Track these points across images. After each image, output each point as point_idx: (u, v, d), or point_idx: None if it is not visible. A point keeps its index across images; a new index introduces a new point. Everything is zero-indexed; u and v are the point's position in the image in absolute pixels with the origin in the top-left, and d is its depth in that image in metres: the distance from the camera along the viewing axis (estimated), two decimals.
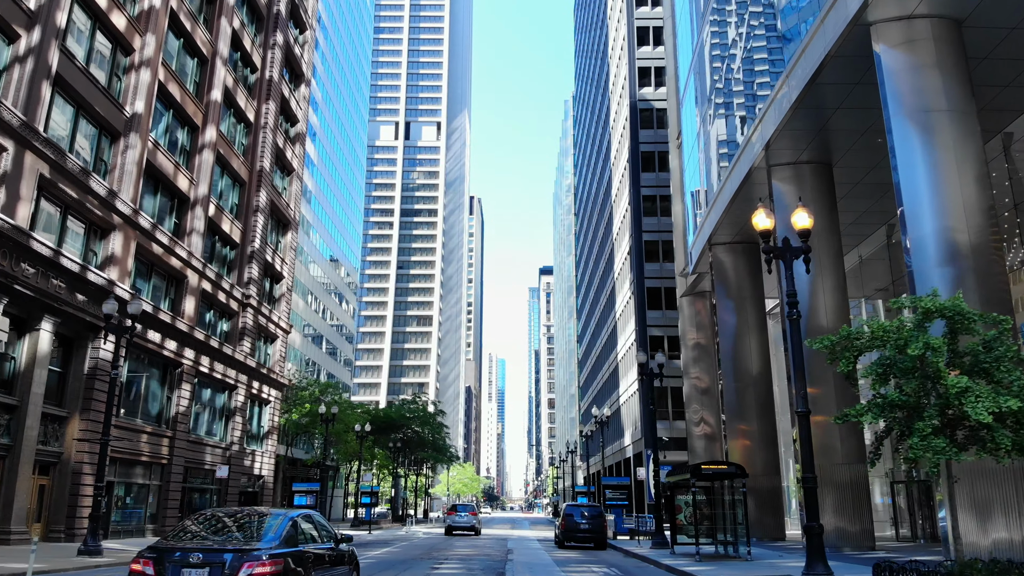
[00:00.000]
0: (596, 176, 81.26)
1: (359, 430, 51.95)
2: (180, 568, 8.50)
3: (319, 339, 79.23)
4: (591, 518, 29.25)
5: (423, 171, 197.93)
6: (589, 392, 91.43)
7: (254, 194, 42.45)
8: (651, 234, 56.01)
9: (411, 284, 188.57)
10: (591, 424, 56.86)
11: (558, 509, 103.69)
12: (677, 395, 53.21)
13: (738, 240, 34.14)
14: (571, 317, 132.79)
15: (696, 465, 21.06)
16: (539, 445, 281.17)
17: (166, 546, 8.96)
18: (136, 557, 8.79)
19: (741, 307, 34.04)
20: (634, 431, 56.11)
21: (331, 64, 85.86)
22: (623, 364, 61.72)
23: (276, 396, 45.26)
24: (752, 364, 33.12)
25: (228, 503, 38.20)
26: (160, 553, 8.73)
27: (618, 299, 63.95)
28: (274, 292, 46.50)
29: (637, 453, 55.19)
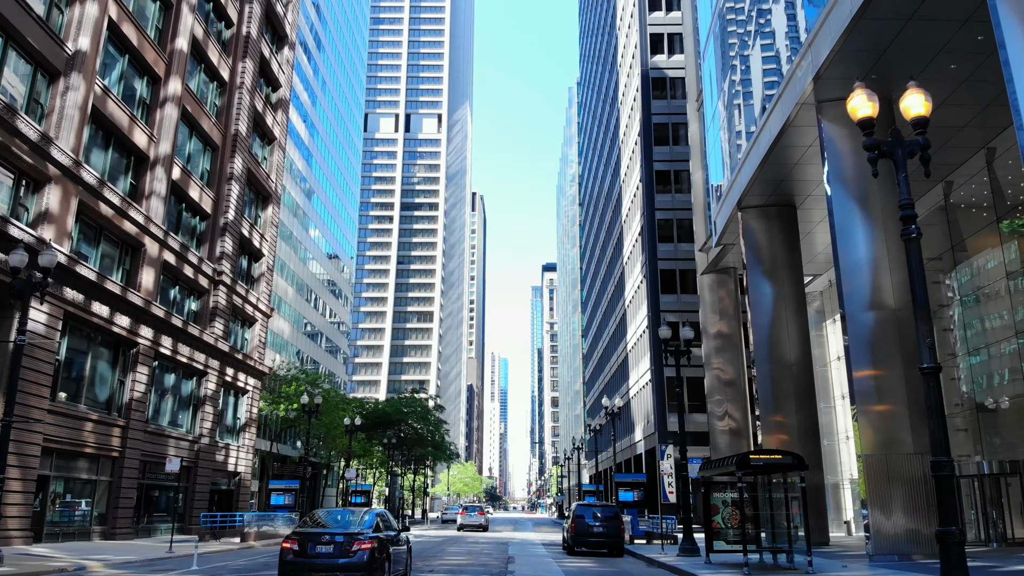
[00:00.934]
0: (603, 157, 77.07)
1: (348, 424, 47.87)
2: (316, 545, 13.46)
3: (311, 330, 75.12)
4: (606, 520, 25.07)
5: (424, 164, 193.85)
6: (595, 387, 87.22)
7: (228, 160, 38.34)
8: (665, 212, 51.81)
9: (411, 280, 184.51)
10: (599, 418, 52.58)
11: (563, 509, 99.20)
12: (694, 386, 49.00)
13: (773, 202, 29.90)
14: (575, 311, 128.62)
15: (743, 455, 16.90)
16: (542, 444, 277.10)
17: (303, 531, 13.93)
18: (285, 538, 13.78)
19: (776, 282, 29.77)
20: (646, 425, 51.93)
21: (327, 49, 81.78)
22: (633, 354, 57.50)
23: (255, 385, 41.14)
24: (789, 347, 28.87)
25: (196, 503, 34.09)
26: (301, 536, 13.64)
27: (628, 285, 59.73)
28: (252, 271, 42.38)
29: (650, 449, 50.99)
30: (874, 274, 21.19)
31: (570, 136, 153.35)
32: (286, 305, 66.96)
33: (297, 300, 70.20)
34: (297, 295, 70.45)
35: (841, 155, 22.29)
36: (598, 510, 25.50)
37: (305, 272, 73.51)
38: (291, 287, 68.00)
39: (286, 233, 67.38)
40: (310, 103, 75.53)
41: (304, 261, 72.84)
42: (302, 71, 72.13)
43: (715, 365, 39.58)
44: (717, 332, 39.59)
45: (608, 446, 63.19)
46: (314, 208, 76.48)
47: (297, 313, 70.55)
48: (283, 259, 66.36)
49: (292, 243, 68.87)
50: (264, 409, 53.13)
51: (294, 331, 69.78)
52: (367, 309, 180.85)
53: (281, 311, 65.94)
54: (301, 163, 71.93)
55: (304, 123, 73.49)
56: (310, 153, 74.68)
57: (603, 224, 77.39)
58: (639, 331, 54.12)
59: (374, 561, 13.18)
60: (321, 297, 79.33)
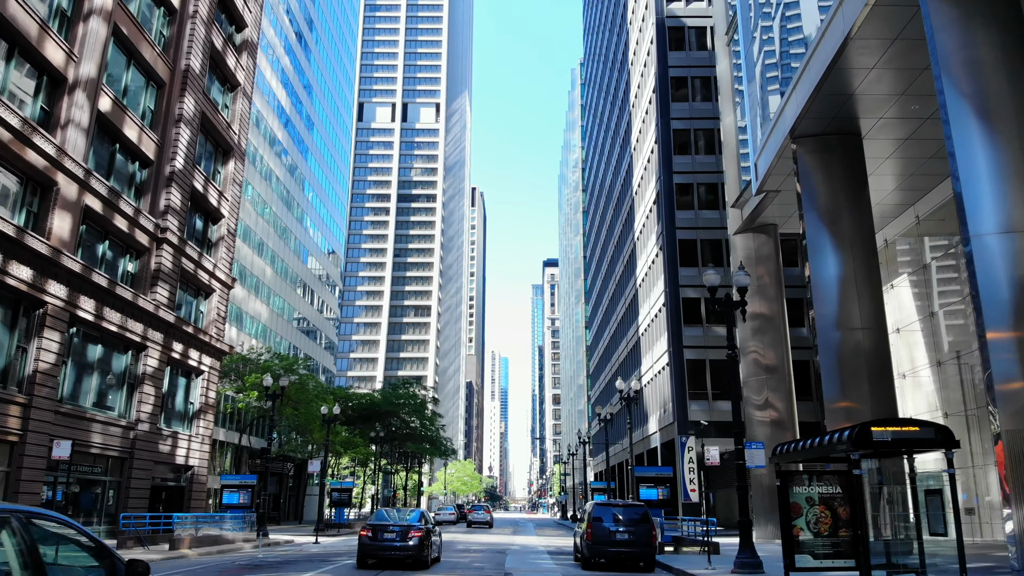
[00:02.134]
0: (611, 129, 71.32)
1: (326, 413, 42.15)
2: (384, 533, 18.93)
3: (294, 316, 69.33)
4: (632, 523, 19.27)
5: (421, 154, 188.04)
6: (601, 378, 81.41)
7: (177, 100, 32.56)
8: (684, 175, 46.04)
9: (409, 273, 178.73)
10: (611, 406, 46.79)
11: (566, 509, 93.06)
12: (718, 370, 43.24)
13: (834, 130, 24.14)
14: (578, 302, 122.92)
15: (862, 427, 11.19)
16: (543, 443, 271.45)
17: (374, 524, 19.39)
18: (361, 528, 19.50)
19: (839, 231, 23.98)
20: (663, 415, 46.14)
21: (317, 27, 75.99)
22: (646, 338, 51.71)
23: (212, 366, 35.34)
24: (860, 314, 23.05)
25: (133, 501, 28.31)
26: (373, 527, 19.12)
27: (640, 262, 53.93)
28: (209, 233, 36.59)
29: (667, 441, 45.19)
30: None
31: (572, 120, 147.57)
32: (264, 287, 61.22)
33: (278, 283, 64.44)
34: (277, 277, 64.70)
35: (953, 53, 16.50)
36: (621, 511, 19.70)
37: (287, 254, 67.75)
38: (269, 267, 62.27)
39: (264, 209, 61.66)
40: (311, 104, 69.80)
41: (286, 241, 67.08)
42: (291, 49, 66.41)
43: (752, 349, 33.76)
44: (755, 313, 33.71)
45: (619, 438, 57.31)
46: (297, 185, 70.68)
47: (279, 298, 64.81)
48: (262, 237, 60.66)
49: (272, 220, 63.14)
50: (240, 401, 47.40)
51: (275, 317, 64.02)
52: (363, 303, 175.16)
53: (260, 294, 60.22)
54: (282, 134, 66.20)
55: (287, 92, 67.78)
56: (291, 123, 68.92)
57: (610, 202, 71.61)
58: (654, 310, 48.34)
59: (422, 545, 18.71)
60: (306, 282, 73.57)
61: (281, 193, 65.73)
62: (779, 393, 32.50)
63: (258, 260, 59.51)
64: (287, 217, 67.40)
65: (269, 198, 62.42)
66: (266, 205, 61.23)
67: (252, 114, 58.71)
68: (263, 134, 61.17)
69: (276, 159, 64.57)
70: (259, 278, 59.89)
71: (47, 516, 5.13)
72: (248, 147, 57.88)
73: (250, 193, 58.06)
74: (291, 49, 68.55)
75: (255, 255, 58.53)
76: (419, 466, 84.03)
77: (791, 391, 31.84)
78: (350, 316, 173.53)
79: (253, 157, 58.78)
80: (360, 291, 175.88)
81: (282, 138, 65.93)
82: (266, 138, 61.92)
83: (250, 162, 58.14)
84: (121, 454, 28.23)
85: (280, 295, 64.93)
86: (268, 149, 62.35)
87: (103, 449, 27.07)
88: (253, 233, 58.60)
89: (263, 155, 61.00)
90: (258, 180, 60.05)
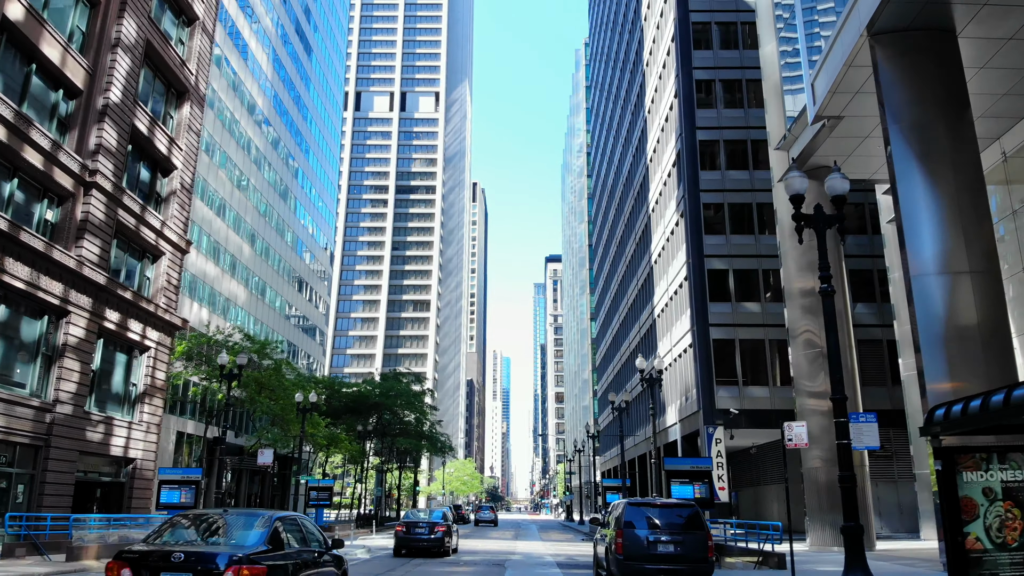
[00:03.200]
0: (621, 96, 66.01)
1: (300, 402, 36.92)
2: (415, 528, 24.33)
3: (275, 299, 64.03)
4: (678, 530, 13.82)
5: (420, 145, 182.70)
6: (609, 370, 76.08)
7: (114, 21, 27.28)
8: (709, 131, 40.71)
9: (407, 267, 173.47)
10: (626, 393, 41.46)
11: (572, 511, 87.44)
12: (749, 352, 37.93)
13: (923, 24, 18.80)
14: (583, 293, 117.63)
15: None
16: (545, 443, 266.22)
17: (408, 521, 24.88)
18: (397, 524, 25.89)
19: (937, 153, 18.62)
20: (684, 404, 40.79)
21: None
22: (664, 318, 46.38)
23: (160, 342, 30.06)
24: (968, 255, 17.61)
25: (49, 499, 23.04)
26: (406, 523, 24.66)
27: (656, 235, 48.62)
28: (159, 187, 31.31)
29: (689, 434, 39.84)
30: None
31: (576, 104, 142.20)
32: (242, 267, 55.93)
33: (257, 262, 59.14)
34: (258, 258, 59.41)
35: None
36: (661, 513, 14.26)
37: (270, 234, 62.49)
38: (247, 245, 56.98)
39: (242, 180, 56.38)
40: (300, 84, 64.56)
41: (268, 219, 61.80)
42: (272, 7, 61.21)
43: (804, 329, 28.20)
44: (806, 289, 28.24)
45: (636, 429, 51.80)
46: (279, 156, 65.34)
47: (259, 279, 59.51)
48: (239, 211, 55.39)
49: (251, 195, 57.88)
50: (181, 377, 42.11)
51: (256, 302, 58.74)
52: (360, 297, 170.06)
53: (237, 274, 54.96)
54: (263, 101, 60.91)
55: (269, 56, 62.53)
56: (275, 91, 63.63)
57: (620, 177, 66.26)
58: (673, 286, 43.00)
59: (445, 538, 24.04)
60: (292, 265, 68.26)
61: (262, 164, 60.42)
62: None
63: (234, 236, 54.24)
64: (269, 193, 62.10)
65: (248, 170, 57.15)
66: (243, 174, 55.93)
67: (229, 79, 53.48)
68: (241, 100, 55.95)
69: (256, 128, 59.31)
70: (236, 256, 54.62)
71: (296, 517, 10.04)
72: (223, 110, 52.65)
73: (224, 162, 52.83)
74: (273, 7, 63.31)
75: (230, 230, 53.27)
76: (415, 464, 78.76)
77: (854, 375, 26.42)
78: (347, 311, 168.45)
79: (230, 124, 53.56)
80: (357, 285, 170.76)
81: (263, 106, 60.65)
82: (245, 104, 56.71)
83: (226, 129, 52.92)
84: (33, 441, 22.95)
85: (260, 276, 59.63)
86: (247, 116, 57.12)
87: (6, 434, 21.80)
88: (229, 207, 53.36)
89: (242, 122, 55.76)
90: (235, 149, 54.81)
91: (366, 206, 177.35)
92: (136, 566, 7.86)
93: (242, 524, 9.03)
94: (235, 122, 54.72)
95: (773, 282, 38.39)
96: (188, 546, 8.38)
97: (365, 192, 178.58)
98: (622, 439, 37.57)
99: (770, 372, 37.31)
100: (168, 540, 8.58)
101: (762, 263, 38.61)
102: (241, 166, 55.90)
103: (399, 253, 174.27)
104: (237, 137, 54.97)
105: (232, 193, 53.77)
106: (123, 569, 7.89)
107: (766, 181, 39.93)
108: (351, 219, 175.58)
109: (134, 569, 7.86)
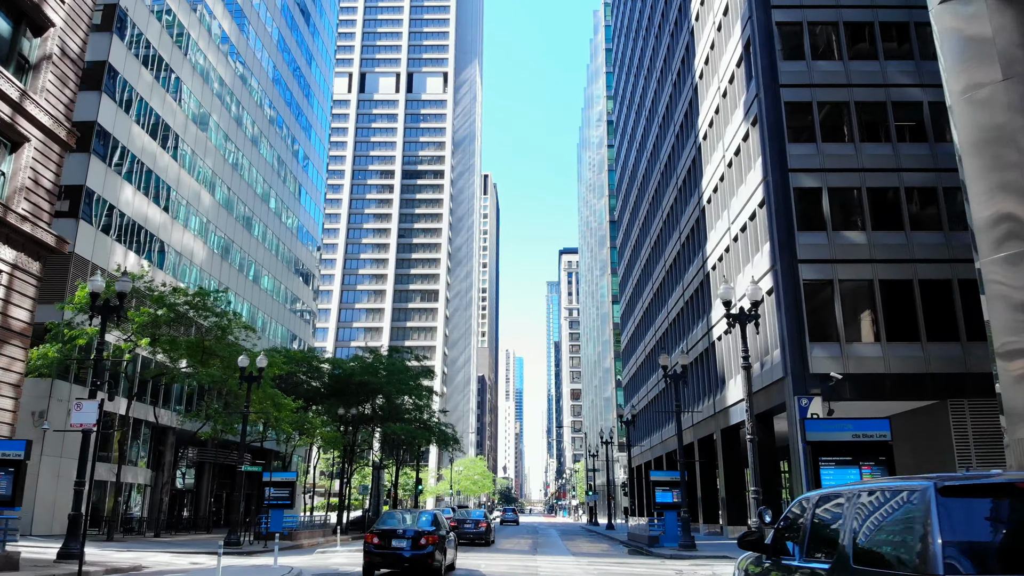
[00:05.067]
0: (655, 17, 56.22)
1: (245, 366, 27.47)
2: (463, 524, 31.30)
3: (251, 264, 54.57)
4: None
5: (428, 127, 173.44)
6: (639, 352, 66.25)
7: None
8: (788, 11, 30.83)
9: (414, 255, 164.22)
10: (681, 355, 31.72)
11: (595, 513, 76.99)
12: (854, 297, 28.01)
13: None
14: (603, 274, 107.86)
15: None
16: (560, 442, 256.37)
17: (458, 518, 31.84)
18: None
19: None
20: (760, 372, 30.82)
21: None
22: (724, 267, 36.54)
23: (19, 265, 20.57)
24: None
25: None
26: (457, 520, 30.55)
27: (711, 165, 38.74)
28: (24, 49, 21.84)
29: (764, 411, 29.90)
30: None
31: (595, 71, 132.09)
32: (199, 219, 46.43)
33: (222, 218, 49.66)
34: (223, 212, 49.97)
35: None
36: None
37: (241, 187, 53.08)
38: (207, 194, 47.54)
39: (201, 112, 46.98)
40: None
41: (237, 170, 52.39)
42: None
43: (998, 280, 17.47)
44: (1001, 214, 17.38)
45: (692, 405, 41.69)
46: (254, 102, 55.85)
47: (223, 238, 50.03)
48: (194, 149, 46.01)
49: (213, 135, 48.47)
50: (122, 347, 32.84)
51: (219, 264, 49.32)
52: (365, 287, 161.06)
53: (192, 226, 45.57)
54: (229, 25, 51.43)
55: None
56: (244, 17, 54.12)
57: (654, 118, 56.35)
58: (741, 220, 33.06)
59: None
60: (270, 229, 58.82)
61: (229, 104, 50.97)
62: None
63: (188, 179, 44.79)
64: (238, 137, 52.56)
65: (210, 105, 47.70)
66: (200, 105, 46.40)
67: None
68: (203, 24, 46.61)
69: (224, 61, 49.86)
70: (191, 204, 45.20)
71: (436, 513, 17.92)
72: (185, 39, 43.33)
73: (182, 92, 43.52)
74: None
75: (181, 169, 43.82)
76: (417, 460, 69.16)
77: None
78: (351, 302, 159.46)
79: (187, 47, 44.24)
80: (362, 275, 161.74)
81: (230, 31, 51.10)
82: (207, 27, 47.31)
83: (178, 47, 43.58)
84: None
85: (224, 234, 50.07)
86: (211, 42, 47.71)
87: None
88: (183, 143, 43.95)
89: (201, 43, 46.32)
90: (200, 86, 45.47)
91: (371, 192, 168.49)
92: (381, 536, 15.93)
93: (419, 516, 17.48)
94: (194, 46, 45.41)
95: (885, 202, 28.59)
96: (402, 525, 16.67)
97: (370, 177, 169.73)
98: (678, 415, 27.87)
99: (881, 324, 27.42)
100: (388, 523, 16.97)
101: (866, 179, 28.74)
102: (203, 100, 46.56)
103: (406, 241, 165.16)
104: (194, 62, 45.60)
105: (186, 128, 44.39)
106: (373, 537, 15.89)
107: (865, 74, 30.05)
108: (355, 205, 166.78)
109: (380, 537, 15.90)
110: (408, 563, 15.69)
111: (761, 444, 29.47)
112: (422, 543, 15.76)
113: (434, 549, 15.85)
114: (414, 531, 16.04)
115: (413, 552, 15.69)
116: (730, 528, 35.93)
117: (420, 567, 15.75)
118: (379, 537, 15.94)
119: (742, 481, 35.87)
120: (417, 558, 15.68)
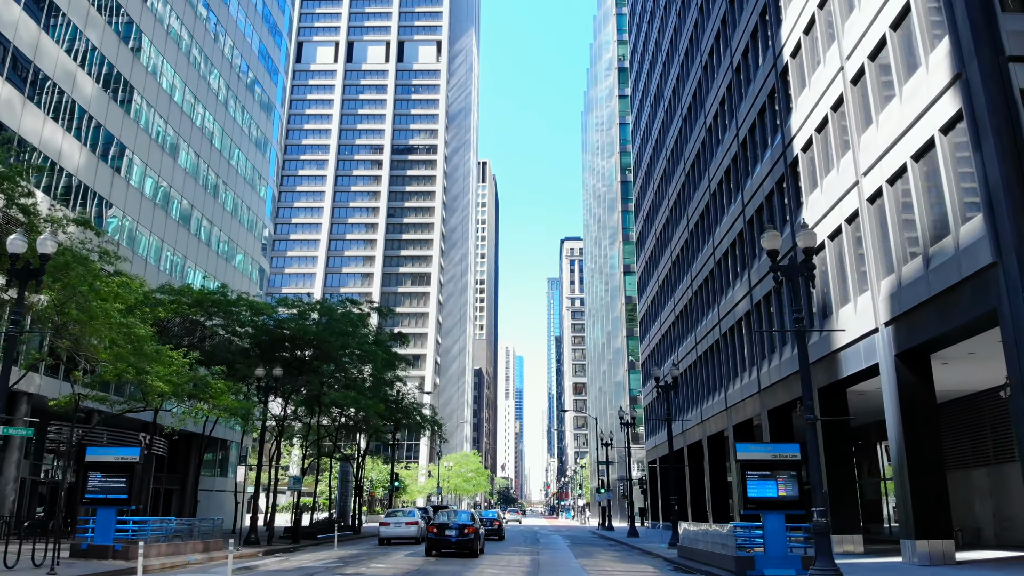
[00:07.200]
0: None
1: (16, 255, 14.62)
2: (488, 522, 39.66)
3: (155, 182, 41.77)
4: None
5: (420, 99, 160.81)
6: (663, 316, 53.45)
7: None
8: None
9: (405, 235, 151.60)
10: (748, 297, 18.44)
11: (609, 515, 62.60)
12: None
13: None
14: (613, 243, 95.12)
15: None
16: (562, 440, 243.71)
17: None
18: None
19: None
20: (898, 285, 17.89)
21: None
22: (827, 138, 23.77)
23: None
24: None
25: None
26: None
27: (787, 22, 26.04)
28: None
29: (940, 336, 17.14)
30: None
31: (604, 15, 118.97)
32: (70, 105, 33.59)
33: (111, 111, 36.78)
34: (109, 100, 37.18)
35: None
36: None
37: (131, 64, 40.30)
38: (84, 74, 34.62)
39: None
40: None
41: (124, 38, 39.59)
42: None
43: None
44: None
45: (753, 366, 27.85)
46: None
47: (108, 132, 37.15)
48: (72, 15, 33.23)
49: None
50: None
51: (104, 172, 36.50)
52: (351, 270, 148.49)
53: (58, 113, 32.77)
54: None
55: None
56: None
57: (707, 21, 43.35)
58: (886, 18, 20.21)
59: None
60: (191, 142, 46.00)
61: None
62: None
63: (50, 44, 31.97)
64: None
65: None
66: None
67: None
68: None
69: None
70: (56, 82, 32.35)
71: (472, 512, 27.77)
72: None
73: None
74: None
75: (42, 32, 31.04)
76: (393, 452, 56.41)
77: None
78: (336, 285, 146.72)
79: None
80: (348, 256, 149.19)
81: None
82: None
83: None
84: None
85: (106, 126, 37.03)
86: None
87: None
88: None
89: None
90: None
91: (359, 168, 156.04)
92: (439, 528, 24.83)
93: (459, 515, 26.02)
94: None
95: None
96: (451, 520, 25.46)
97: (358, 152, 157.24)
98: (711, 394, 15.41)
99: None
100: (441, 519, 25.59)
101: None
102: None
103: (396, 220, 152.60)
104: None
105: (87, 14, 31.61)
106: (432, 528, 25.01)
107: None
108: (341, 182, 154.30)
109: (437, 528, 24.87)
110: (455, 546, 24.49)
111: (916, 399, 16.71)
112: (465, 532, 24.73)
113: (473, 537, 24.85)
114: (458, 524, 24.99)
115: (459, 538, 24.61)
116: (866, 542, 22.88)
117: (464, 547, 24.56)
118: (436, 528, 24.92)
119: (876, 470, 22.75)
120: (461, 542, 24.58)
